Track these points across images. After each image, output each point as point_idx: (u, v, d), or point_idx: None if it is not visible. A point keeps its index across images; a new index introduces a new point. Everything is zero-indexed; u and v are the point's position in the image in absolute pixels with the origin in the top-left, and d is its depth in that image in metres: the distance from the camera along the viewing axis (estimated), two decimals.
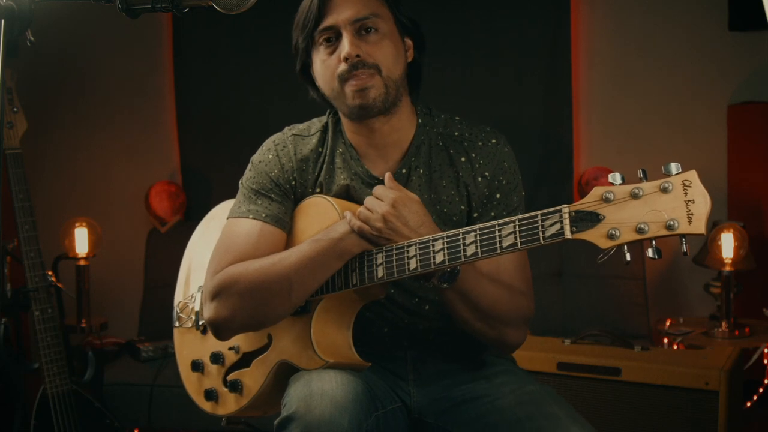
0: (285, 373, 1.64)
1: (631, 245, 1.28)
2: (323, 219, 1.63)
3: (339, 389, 1.50)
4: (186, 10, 1.27)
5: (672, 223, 1.23)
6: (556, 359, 2.58)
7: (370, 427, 1.52)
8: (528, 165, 3.43)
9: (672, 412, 2.44)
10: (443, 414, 1.68)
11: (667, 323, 3.21)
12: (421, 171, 1.70)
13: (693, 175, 1.24)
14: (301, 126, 1.79)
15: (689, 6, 3.48)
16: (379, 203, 1.55)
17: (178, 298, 1.93)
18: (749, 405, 3.10)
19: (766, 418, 3.17)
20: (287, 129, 1.79)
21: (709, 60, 3.47)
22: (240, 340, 1.74)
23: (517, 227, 1.37)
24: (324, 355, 1.58)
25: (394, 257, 1.52)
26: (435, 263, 1.46)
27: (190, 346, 1.86)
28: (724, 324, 3.02)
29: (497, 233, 1.39)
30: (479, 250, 1.41)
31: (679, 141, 3.51)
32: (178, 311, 1.91)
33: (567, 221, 1.31)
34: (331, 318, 1.63)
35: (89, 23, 3.65)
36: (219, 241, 1.71)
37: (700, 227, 1.22)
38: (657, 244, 1.27)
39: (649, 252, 1.27)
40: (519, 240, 1.36)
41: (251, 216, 1.68)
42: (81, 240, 3.42)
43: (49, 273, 2.71)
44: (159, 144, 3.92)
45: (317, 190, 1.72)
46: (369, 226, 1.54)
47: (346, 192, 1.70)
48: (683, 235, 1.24)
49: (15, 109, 2.75)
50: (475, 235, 1.42)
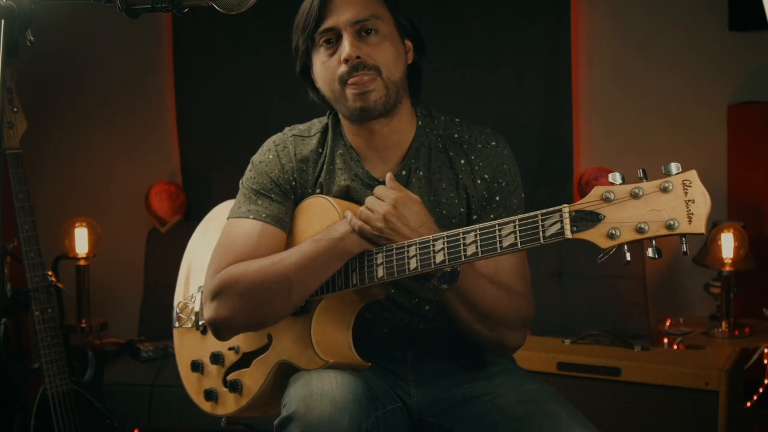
0: (285, 373, 1.63)
1: (631, 245, 1.28)
2: (323, 219, 1.63)
3: (339, 389, 1.50)
4: (186, 10, 1.27)
5: (672, 223, 1.23)
6: (556, 359, 2.58)
7: (370, 427, 1.52)
8: (528, 165, 3.44)
9: (672, 412, 2.44)
10: (443, 413, 1.68)
11: (667, 323, 3.21)
12: (421, 173, 1.69)
13: (693, 175, 1.24)
14: (302, 126, 1.79)
15: (689, 6, 3.48)
16: (380, 203, 1.55)
17: (177, 298, 1.93)
18: (749, 405, 3.10)
19: (766, 418, 3.17)
20: (287, 129, 1.79)
21: (709, 60, 3.47)
22: (240, 340, 1.73)
23: (518, 227, 1.36)
24: (324, 355, 1.58)
25: (394, 257, 1.51)
26: (435, 263, 1.46)
27: (189, 346, 1.86)
28: (724, 324, 3.02)
29: (497, 233, 1.39)
30: (479, 249, 1.41)
31: (679, 141, 3.51)
32: (177, 311, 1.91)
33: (567, 221, 1.31)
34: (332, 318, 1.63)
35: (89, 23, 3.65)
36: (219, 242, 1.70)
37: (700, 227, 1.22)
38: (657, 243, 1.27)
39: (649, 252, 1.27)
40: (519, 240, 1.36)
41: (251, 216, 1.68)
42: (81, 240, 3.42)
43: (49, 273, 2.70)
44: (159, 144, 3.92)
45: (317, 190, 1.71)
46: (370, 225, 1.54)
47: (346, 193, 1.70)
48: (683, 235, 1.24)
49: (15, 109, 2.75)
50: (476, 235, 1.42)
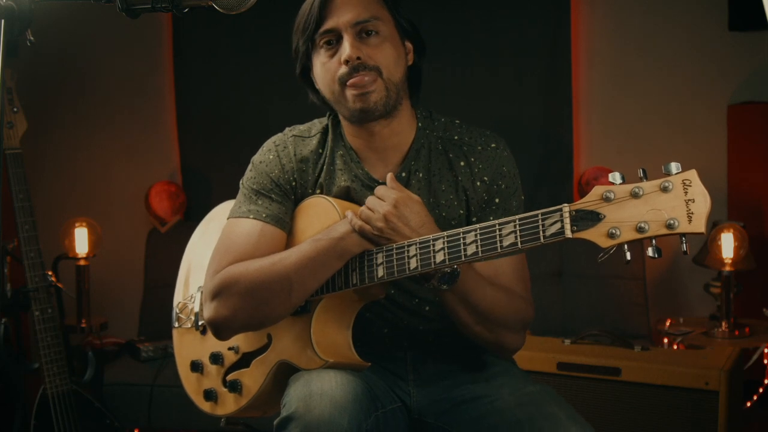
0: (285, 373, 1.63)
1: (631, 244, 1.28)
2: (323, 219, 1.63)
3: (339, 389, 1.49)
4: (186, 10, 1.27)
5: (672, 222, 1.23)
6: (556, 359, 2.58)
7: (369, 427, 1.52)
8: (528, 165, 3.44)
9: (672, 412, 2.44)
10: (443, 414, 1.68)
11: (667, 323, 3.21)
12: (421, 175, 1.69)
13: (693, 175, 1.24)
14: (302, 127, 1.79)
15: (689, 6, 3.48)
16: (381, 203, 1.55)
17: (177, 298, 1.93)
18: (749, 405, 3.10)
19: (766, 418, 3.17)
20: (288, 130, 1.79)
21: (709, 60, 3.47)
22: (239, 340, 1.73)
23: (518, 226, 1.36)
24: (324, 355, 1.58)
25: (394, 257, 1.51)
26: (435, 263, 1.46)
27: (189, 346, 1.86)
28: (724, 324, 3.02)
29: (498, 233, 1.39)
30: (480, 249, 1.41)
31: (679, 141, 3.51)
32: (177, 312, 1.91)
33: (567, 220, 1.30)
34: (331, 318, 1.63)
35: (89, 23, 3.65)
36: (219, 241, 1.70)
37: (700, 226, 1.22)
38: (657, 243, 1.27)
39: (649, 251, 1.27)
40: (519, 239, 1.36)
41: (252, 216, 1.68)
42: (81, 240, 3.42)
43: (49, 273, 2.70)
44: (159, 144, 3.92)
45: (317, 191, 1.71)
46: (370, 225, 1.54)
47: (346, 193, 1.70)
48: (683, 234, 1.24)
49: (15, 109, 2.75)
50: (476, 235, 1.41)
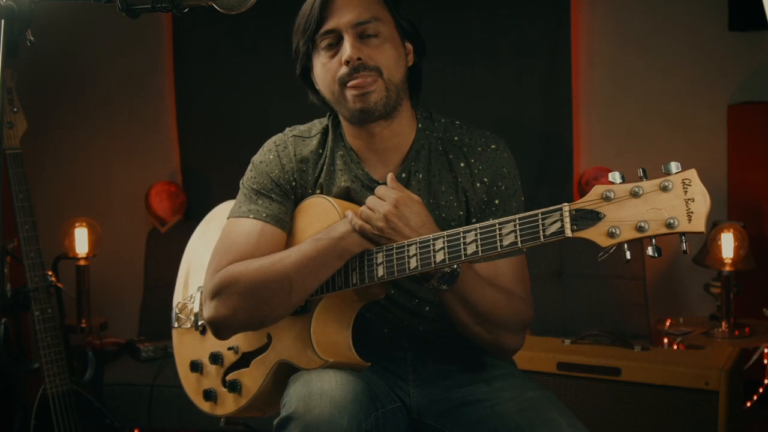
0: (284, 373, 1.63)
1: (631, 244, 1.28)
2: (323, 219, 1.63)
3: (338, 389, 1.49)
4: (186, 10, 1.27)
5: (672, 222, 1.23)
6: (556, 359, 2.58)
7: (369, 427, 1.51)
8: (528, 165, 3.44)
9: (672, 412, 2.44)
10: (443, 416, 1.68)
11: (667, 323, 3.21)
12: (421, 176, 1.69)
13: (693, 174, 1.24)
14: (302, 127, 1.78)
15: (689, 6, 3.48)
16: (381, 203, 1.55)
17: (177, 298, 1.93)
18: (749, 405, 3.10)
19: (766, 418, 3.17)
20: (288, 130, 1.79)
21: (709, 60, 3.47)
22: (239, 340, 1.73)
23: (518, 226, 1.36)
24: (324, 355, 1.58)
25: (394, 256, 1.51)
26: (435, 262, 1.46)
27: (189, 346, 1.86)
28: (724, 324, 3.02)
29: (498, 232, 1.39)
30: (480, 248, 1.41)
31: (679, 141, 3.51)
32: (177, 312, 1.91)
33: (567, 219, 1.30)
34: (331, 318, 1.63)
35: (89, 23, 3.65)
36: (219, 241, 1.70)
37: (699, 225, 1.22)
38: (657, 242, 1.28)
39: (649, 250, 1.27)
40: (519, 238, 1.36)
41: (252, 216, 1.68)
42: (81, 240, 3.42)
43: (49, 273, 2.70)
44: (159, 144, 3.92)
45: (317, 191, 1.71)
46: (371, 225, 1.54)
47: (346, 194, 1.70)
48: (683, 234, 1.24)
49: (15, 109, 2.75)
50: (476, 234, 1.41)
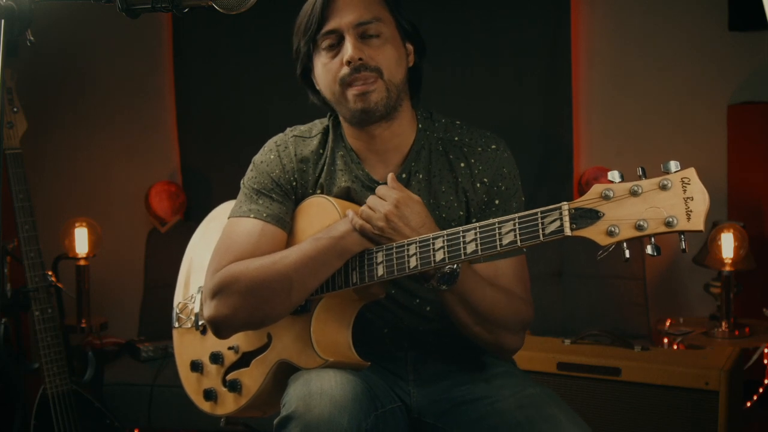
0: (284, 373, 1.63)
1: (631, 243, 1.28)
2: (324, 218, 1.63)
3: (338, 388, 1.49)
4: (186, 10, 1.27)
5: (671, 220, 1.23)
6: (556, 359, 2.58)
7: (369, 427, 1.51)
8: (528, 165, 3.44)
9: (672, 412, 2.44)
10: (443, 415, 1.68)
11: (667, 323, 3.21)
12: (421, 176, 1.69)
13: (692, 173, 1.24)
14: (303, 127, 1.79)
15: (689, 6, 3.48)
16: (382, 203, 1.55)
17: (177, 298, 1.93)
18: (749, 405, 3.10)
19: (766, 418, 3.17)
20: (289, 130, 1.79)
21: (709, 60, 3.47)
22: (239, 339, 1.73)
23: (517, 225, 1.36)
24: (324, 354, 1.58)
25: (394, 255, 1.51)
26: (435, 261, 1.46)
27: (189, 346, 1.86)
28: (724, 324, 3.02)
29: (497, 231, 1.39)
30: (479, 247, 1.41)
31: (679, 141, 3.51)
32: (177, 312, 1.91)
33: (567, 218, 1.31)
34: (331, 317, 1.63)
35: (89, 23, 3.66)
36: (220, 241, 1.70)
37: (698, 224, 1.22)
38: (656, 241, 1.28)
39: (648, 249, 1.27)
40: (519, 237, 1.36)
41: (252, 215, 1.68)
42: (81, 240, 3.42)
43: (49, 273, 2.70)
44: (159, 144, 3.92)
45: (318, 191, 1.72)
46: (371, 225, 1.54)
47: (346, 194, 1.70)
48: (682, 232, 1.25)
49: (15, 109, 2.75)
50: (476, 233, 1.41)
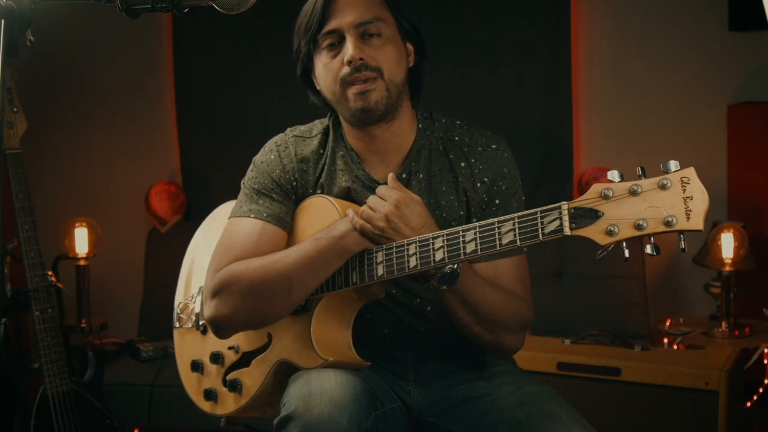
0: (285, 373, 1.63)
1: (630, 242, 1.29)
2: (324, 218, 1.63)
3: (338, 388, 1.50)
4: (186, 10, 1.27)
5: (670, 220, 1.23)
6: (556, 359, 2.58)
7: (369, 427, 1.51)
8: (528, 165, 3.44)
9: (672, 412, 2.44)
10: (443, 414, 1.68)
11: (667, 323, 3.21)
12: (421, 176, 1.69)
13: (691, 172, 1.24)
14: (303, 127, 1.79)
15: (689, 6, 3.48)
16: (382, 203, 1.55)
17: (178, 298, 1.93)
18: (749, 405, 3.10)
19: (766, 418, 3.17)
20: (289, 130, 1.79)
21: (709, 60, 3.47)
22: (239, 339, 1.73)
23: (517, 224, 1.37)
24: (324, 354, 1.58)
25: (394, 255, 1.52)
26: (435, 261, 1.46)
27: (189, 346, 1.86)
28: (724, 324, 3.02)
29: (497, 230, 1.39)
30: (479, 247, 1.41)
31: (679, 141, 3.51)
32: (178, 312, 1.91)
33: (566, 218, 1.31)
34: (332, 317, 1.63)
35: (89, 23, 3.66)
36: (220, 241, 1.71)
37: (698, 223, 1.22)
38: (655, 240, 1.28)
39: (648, 248, 1.28)
40: (518, 237, 1.36)
41: (253, 215, 1.68)
42: (81, 240, 3.42)
43: (49, 273, 2.70)
44: (159, 144, 3.92)
45: (318, 191, 1.72)
46: (372, 225, 1.54)
47: (347, 194, 1.70)
48: (681, 232, 1.25)
49: (15, 109, 2.75)
50: (475, 233, 1.42)
